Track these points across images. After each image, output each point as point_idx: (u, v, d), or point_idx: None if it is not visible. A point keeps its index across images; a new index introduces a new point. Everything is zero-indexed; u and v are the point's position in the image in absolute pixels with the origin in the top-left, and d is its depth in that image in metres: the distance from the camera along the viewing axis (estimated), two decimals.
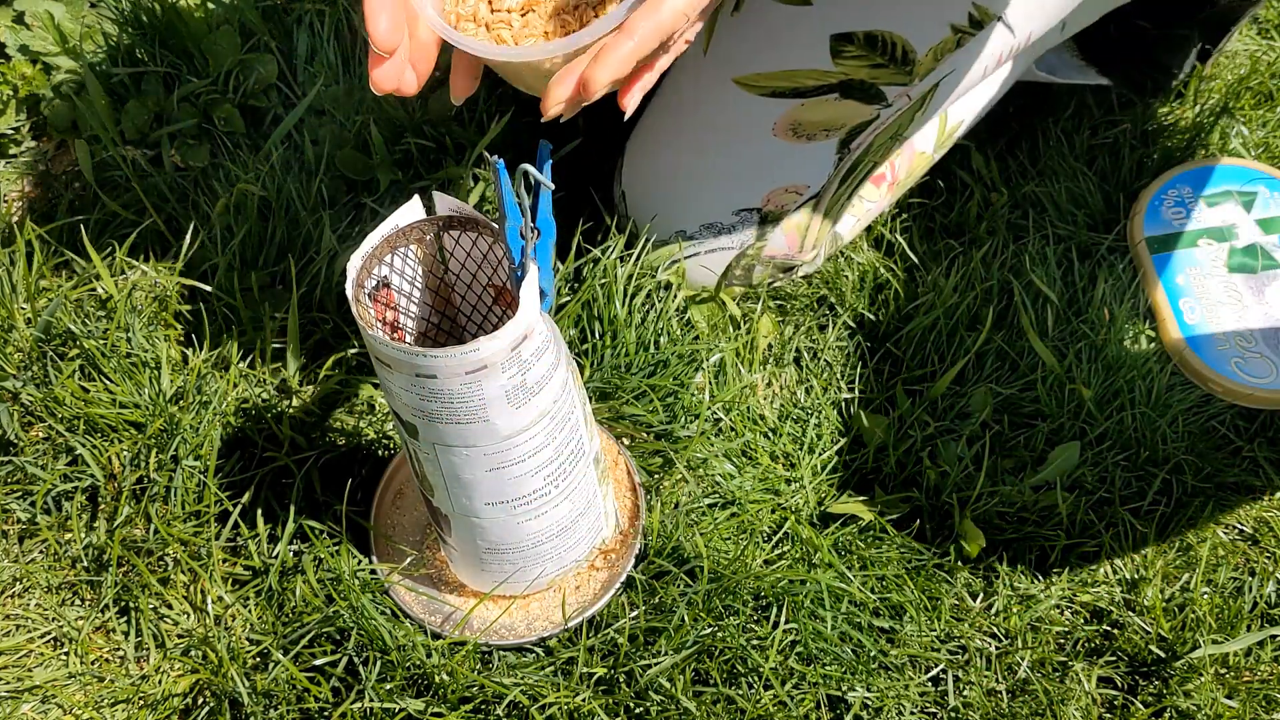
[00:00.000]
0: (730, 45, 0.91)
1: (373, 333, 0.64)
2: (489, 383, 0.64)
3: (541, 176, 0.62)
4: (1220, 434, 0.95)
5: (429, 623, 0.79)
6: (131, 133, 1.02)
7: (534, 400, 0.67)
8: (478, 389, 0.64)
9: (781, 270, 0.96)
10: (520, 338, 0.63)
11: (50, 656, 0.80)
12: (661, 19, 0.59)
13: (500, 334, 0.62)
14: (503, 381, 0.64)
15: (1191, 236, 1.04)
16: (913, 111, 0.90)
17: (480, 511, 0.72)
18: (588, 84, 0.60)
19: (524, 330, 0.63)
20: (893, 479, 0.90)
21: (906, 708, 0.80)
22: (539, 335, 0.65)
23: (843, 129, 0.89)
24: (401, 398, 0.66)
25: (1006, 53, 0.91)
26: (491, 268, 0.72)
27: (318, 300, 0.94)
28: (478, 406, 0.65)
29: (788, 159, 0.90)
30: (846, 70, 0.87)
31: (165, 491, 0.83)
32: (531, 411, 0.67)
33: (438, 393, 0.64)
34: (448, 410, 0.65)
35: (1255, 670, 0.83)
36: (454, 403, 0.64)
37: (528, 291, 0.63)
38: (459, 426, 0.66)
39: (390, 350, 0.63)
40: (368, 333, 0.64)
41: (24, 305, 0.89)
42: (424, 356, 0.62)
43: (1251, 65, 1.19)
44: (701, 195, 0.92)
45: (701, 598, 0.79)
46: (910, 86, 0.88)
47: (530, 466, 0.70)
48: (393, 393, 0.67)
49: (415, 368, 0.63)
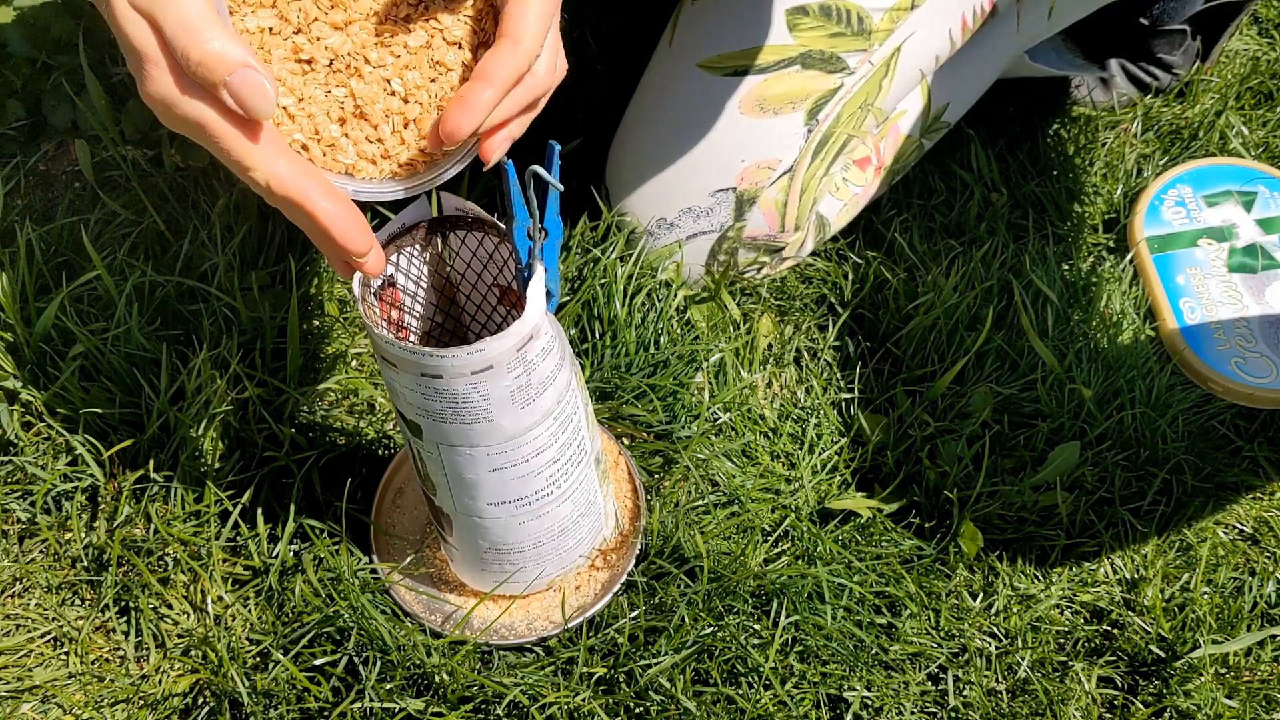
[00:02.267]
0: (692, 33, 0.93)
1: (379, 331, 0.64)
2: (494, 383, 0.64)
3: (551, 178, 0.62)
4: (1220, 434, 0.95)
5: (429, 622, 0.79)
6: (131, 133, 1.02)
7: (538, 401, 0.67)
8: (483, 389, 0.64)
9: (767, 253, 0.96)
10: (526, 338, 0.63)
11: (50, 656, 0.80)
12: (517, 62, 0.56)
13: (506, 334, 0.62)
14: (508, 382, 0.64)
15: (1191, 236, 1.04)
16: (879, 79, 0.92)
17: (483, 511, 0.72)
18: (450, 135, 0.56)
19: (530, 330, 0.63)
20: (892, 479, 0.90)
21: (906, 707, 0.80)
22: (544, 336, 0.65)
23: (808, 100, 0.91)
24: (406, 397, 0.66)
25: (970, 15, 0.93)
26: (497, 268, 0.72)
27: (318, 300, 0.94)
28: (483, 406, 0.65)
29: (757, 134, 0.92)
30: (805, 42, 0.90)
31: (165, 491, 0.83)
32: (536, 412, 0.67)
33: (443, 392, 0.64)
34: (452, 410, 0.65)
35: (1255, 670, 0.83)
36: (459, 403, 0.64)
37: (534, 292, 0.63)
38: (463, 426, 0.66)
39: (396, 350, 0.63)
40: (374, 331, 0.64)
41: (24, 305, 0.89)
42: (430, 356, 0.62)
43: (1251, 65, 1.19)
44: (678, 180, 0.94)
45: (701, 598, 0.79)
46: (871, 52, 0.91)
47: (533, 467, 0.70)
48: (397, 392, 0.67)
49: (421, 367, 0.63)
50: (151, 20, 0.51)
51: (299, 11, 0.56)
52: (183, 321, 0.92)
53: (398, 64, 0.58)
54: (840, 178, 0.96)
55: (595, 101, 1.06)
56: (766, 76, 0.91)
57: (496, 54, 0.55)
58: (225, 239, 0.95)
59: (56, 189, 1.04)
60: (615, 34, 1.12)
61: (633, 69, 1.00)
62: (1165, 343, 0.98)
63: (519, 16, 0.55)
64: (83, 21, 1.09)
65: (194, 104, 0.52)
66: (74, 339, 0.87)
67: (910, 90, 0.97)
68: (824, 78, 0.91)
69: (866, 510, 0.87)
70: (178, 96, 0.52)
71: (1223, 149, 1.12)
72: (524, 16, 0.55)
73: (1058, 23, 1.01)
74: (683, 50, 0.94)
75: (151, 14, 0.51)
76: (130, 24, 0.51)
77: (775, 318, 0.99)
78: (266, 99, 0.52)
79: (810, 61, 0.90)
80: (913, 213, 1.05)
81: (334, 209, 0.55)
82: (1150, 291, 1.01)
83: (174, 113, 0.53)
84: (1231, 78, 1.17)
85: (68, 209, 1.00)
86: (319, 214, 0.55)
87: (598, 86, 1.09)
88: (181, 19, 0.51)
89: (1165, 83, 1.15)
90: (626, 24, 1.12)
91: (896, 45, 0.91)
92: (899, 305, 0.97)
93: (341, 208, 0.56)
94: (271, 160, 0.54)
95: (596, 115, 1.04)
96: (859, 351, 0.97)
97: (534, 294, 0.63)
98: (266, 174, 0.54)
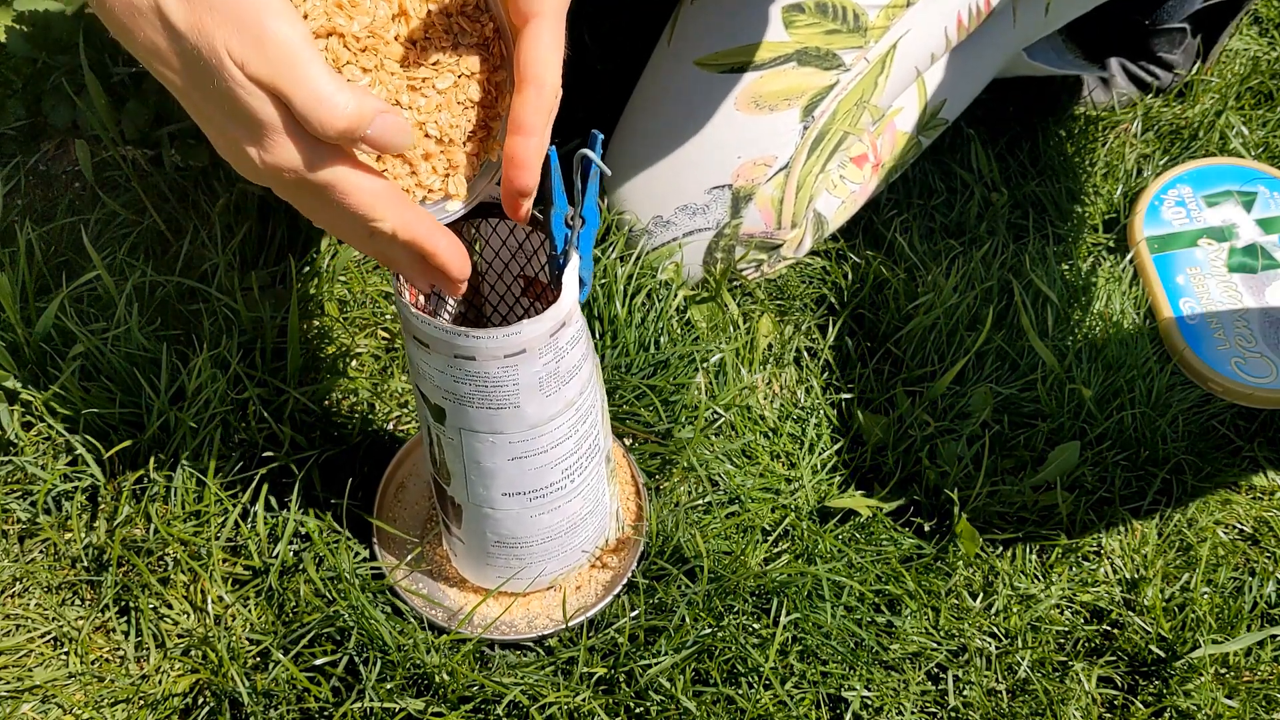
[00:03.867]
0: (690, 31, 0.94)
1: (414, 311, 0.64)
2: (525, 367, 0.64)
3: (598, 160, 0.62)
4: (1220, 434, 0.95)
5: (429, 619, 0.79)
6: (131, 133, 1.02)
7: (563, 390, 0.67)
8: (514, 373, 0.64)
9: (764, 250, 0.96)
10: (559, 324, 0.64)
11: (50, 656, 0.80)
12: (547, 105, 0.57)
13: (543, 318, 0.63)
14: (538, 368, 0.65)
15: (1191, 236, 1.04)
16: (874, 76, 0.93)
17: (496, 502, 0.72)
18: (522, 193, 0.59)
19: (564, 316, 0.64)
20: (892, 478, 0.90)
21: (906, 707, 0.80)
22: (575, 323, 0.66)
23: (804, 96, 0.91)
24: (434, 379, 0.66)
25: (967, 14, 0.93)
26: (525, 258, 0.72)
27: (318, 300, 0.94)
28: (511, 391, 0.65)
29: (753, 131, 0.92)
30: (801, 39, 0.90)
31: (165, 491, 0.83)
32: (559, 401, 0.68)
33: (474, 375, 0.65)
34: (481, 394, 0.65)
35: (1255, 670, 0.83)
36: (488, 386, 0.65)
37: (570, 278, 0.64)
38: (489, 412, 0.66)
39: (431, 329, 0.63)
40: (412, 311, 0.64)
41: (24, 305, 0.89)
42: (466, 337, 0.62)
43: (1252, 65, 1.19)
44: (674, 178, 0.94)
45: (701, 598, 0.79)
46: (866, 49, 0.91)
47: (551, 458, 0.71)
48: (425, 374, 0.67)
49: (455, 348, 0.63)
50: (276, 93, 0.50)
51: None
52: (183, 321, 0.92)
53: (429, 105, 0.59)
54: (837, 175, 0.96)
55: (595, 101, 1.06)
56: (763, 73, 0.91)
57: (527, 102, 0.57)
58: (225, 239, 0.95)
59: (56, 189, 1.04)
60: (615, 34, 1.12)
61: (632, 69, 1.00)
62: (1165, 343, 0.98)
63: (537, 59, 0.56)
64: (82, 22, 1.09)
65: (328, 168, 0.52)
66: (74, 339, 0.87)
67: (906, 87, 0.97)
68: (820, 74, 0.91)
69: (866, 509, 0.87)
70: (308, 162, 0.52)
71: (1223, 149, 1.12)
72: (542, 58, 0.56)
73: (1055, 20, 1.01)
74: (681, 48, 0.94)
75: (276, 87, 0.50)
76: (252, 97, 0.50)
77: (775, 318, 0.99)
78: (406, 133, 0.54)
79: (806, 58, 0.91)
80: (913, 213, 1.05)
81: (449, 246, 0.58)
82: (1150, 291, 1.01)
83: (302, 178, 0.53)
84: (1232, 78, 1.17)
85: (68, 209, 1.00)
86: (439, 252, 0.58)
87: (597, 86, 1.09)
88: (312, 92, 0.50)
89: (1166, 82, 1.15)
90: (626, 24, 1.12)
91: (892, 42, 0.92)
92: (899, 305, 0.97)
93: (453, 243, 0.59)
94: (397, 208, 0.55)
95: (596, 115, 1.04)
96: (859, 351, 0.97)
97: (569, 280, 0.64)
98: (395, 222, 0.56)
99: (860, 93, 0.93)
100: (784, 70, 0.91)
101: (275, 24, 0.49)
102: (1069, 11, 1.01)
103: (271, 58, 0.49)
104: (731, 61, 0.91)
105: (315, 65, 0.50)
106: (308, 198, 0.55)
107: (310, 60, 0.50)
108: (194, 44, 0.50)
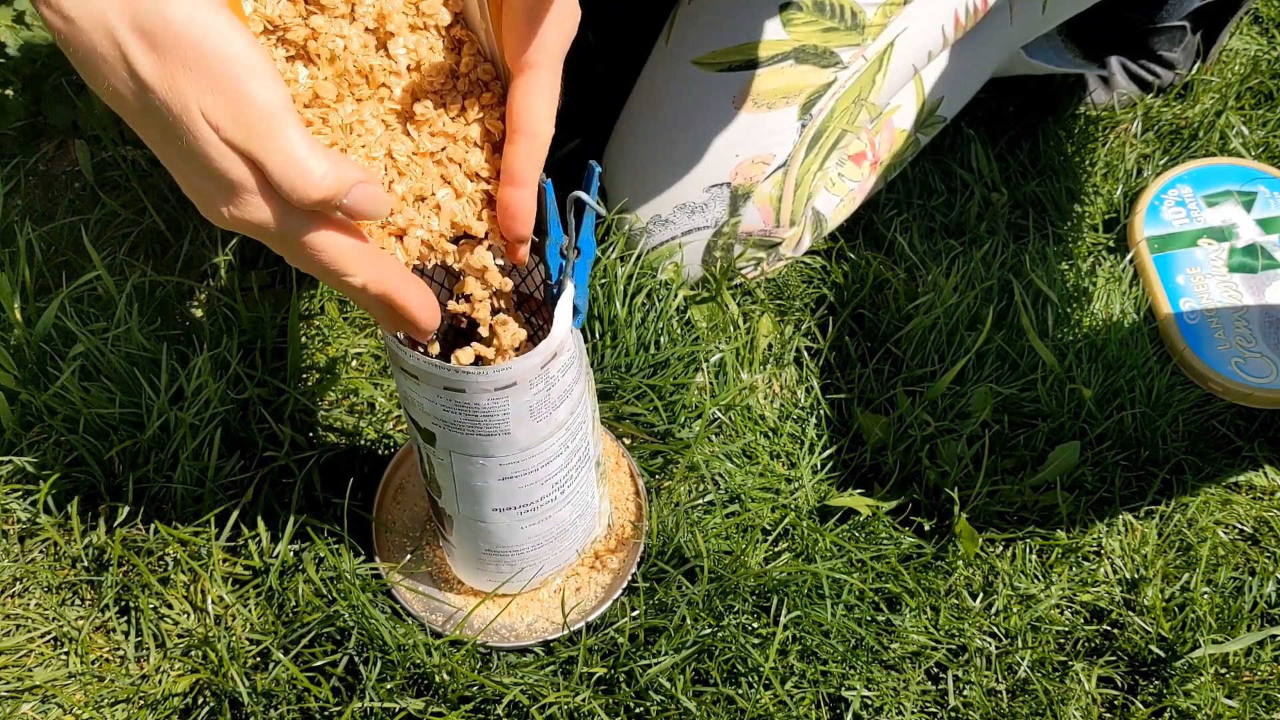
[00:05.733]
0: (688, 31, 0.94)
1: (401, 345, 0.64)
2: (516, 399, 0.64)
3: (592, 201, 0.62)
4: (1220, 434, 0.95)
5: (429, 621, 0.79)
6: (131, 133, 1.02)
7: (554, 414, 0.67)
8: (504, 404, 0.64)
9: (763, 248, 0.96)
10: (550, 355, 0.64)
11: (50, 656, 0.80)
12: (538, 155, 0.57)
13: (533, 353, 0.62)
14: (529, 398, 0.65)
15: (1191, 236, 1.04)
16: (872, 74, 0.93)
17: (487, 516, 0.72)
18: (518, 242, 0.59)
19: (555, 348, 0.64)
20: (892, 478, 0.90)
21: (906, 707, 0.80)
22: (567, 351, 0.65)
23: (802, 94, 0.92)
24: (424, 407, 0.66)
25: (964, 12, 0.94)
26: (521, 275, 0.72)
27: (318, 300, 0.94)
28: (502, 420, 0.65)
29: (751, 129, 0.92)
30: (799, 37, 0.90)
31: (165, 491, 0.83)
32: (550, 424, 0.67)
33: (464, 406, 0.64)
34: (471, 422, 0.65)
35: (1255, 670, 0.83)
36: (479, 416, 0.65)
37: (562, 309, 0.64)
38: (480, 438, 0.66)
39: (420, 363, 0.63)
40: (394, 345, 0.63)
41: (24, 305, 0.89)
42: (456, 372, 0.62)
43: (1252, 65, 1.19)
44: (673, 177, 0.94)
45: (701, 598, 0.79)
46: (864, 47, 0.91)
47: (542, 475, 0.70)
48: (414, 401, 0.67)
49: (445, 381, 0.63)
50: (251, 159, 0.48)
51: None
52: (183, 321, 0.92)
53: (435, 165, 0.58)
54: (836, 173, 0.96)
55: (593, 102, 1.06)
56: (761, 72, 0.91)
57: (520, 153, 0.56)
58: (225, 239, 0.95)
59: (56, 189, 1.04)
60: (614, 34, 1.12)
61: (631, 69, 1.00)
62: (1165, 342, 0.98)
63: (531, 109, 0.56)
64: None
65: (299, 229, 0.51)
66: (74, 339, 0.87)
67: (904, 85, 0.97)
68: (818, 72, 0.91)
69: (866, 509, 0.87)
70: (280, 222, 0.50)
71: (1223, 149, 1.12)
72: (535, 109, 0.56)
73: (1052, 18, 1.01)
74: (679, 48, 0.94)
75: (251, 153, 0.48)
76: (224, 159, 0.48)
77: (775, 318, 0.99)
78: (382, 204, 0.52)
79: (804, 56, 0.91)
80: (913, 212, 1.05)
81: (420, 300, 0.57)
82: (1150, 291, 1.01)
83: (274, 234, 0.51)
84: (1232, 77, 1.17)
85: (68, 209, 1.00)
86: (410, 305, 0.56)
87: (596, 87, 1.09)
88: (288, 160, 0.48)
89: (1166, 80, 1.15)
90: (625, 24, 1.12)
91: (890, 40, 0.92)
92: (899, 305, 0.97)
93: (424, 296, 0.57)
94: (368, 265, 0.54)
95: (595, 115, 1.04)
96: (859, 351, 0.97)
97: (562, 312, 0.64)
98: (365, 278, 0.54)
99: (858, 90, 0.93)
100: (782, 68, 0.91)
101: (254, 85, 0.47)
102: (1066, 9, 1.01)
103: (249, 121, 0.47)
104: (729, 60, 0.91)
105: (293, 131, 0.48)
106: (278, 247, 0.53)
107: (288, 125, 0.48)
108: (163, 99, 0.47)
